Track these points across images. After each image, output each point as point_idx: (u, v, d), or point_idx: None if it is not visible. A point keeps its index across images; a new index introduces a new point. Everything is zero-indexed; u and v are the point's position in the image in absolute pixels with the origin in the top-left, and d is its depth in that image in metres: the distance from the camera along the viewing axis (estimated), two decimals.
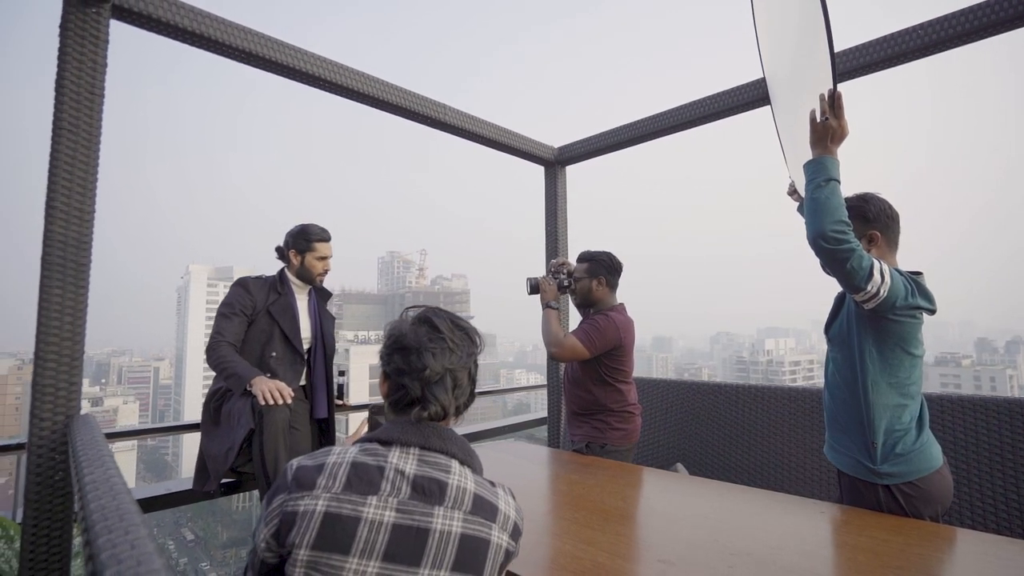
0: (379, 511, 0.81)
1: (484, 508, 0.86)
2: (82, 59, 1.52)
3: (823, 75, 1.34)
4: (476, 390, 0.98)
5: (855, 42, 2.01)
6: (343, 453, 0.88)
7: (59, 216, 1.47)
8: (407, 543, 0.80)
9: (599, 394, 2.23)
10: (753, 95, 2.33)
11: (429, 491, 0.84)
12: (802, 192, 2.02)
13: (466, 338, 0.96)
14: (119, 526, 0.61)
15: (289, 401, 1.88)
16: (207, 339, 2.03)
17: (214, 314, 2.13)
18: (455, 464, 0.89)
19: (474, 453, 0.94)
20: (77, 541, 1.51)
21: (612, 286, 2.35)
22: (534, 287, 2.41)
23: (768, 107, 2.38)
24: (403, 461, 0.86)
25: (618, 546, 1.24)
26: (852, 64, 1.97)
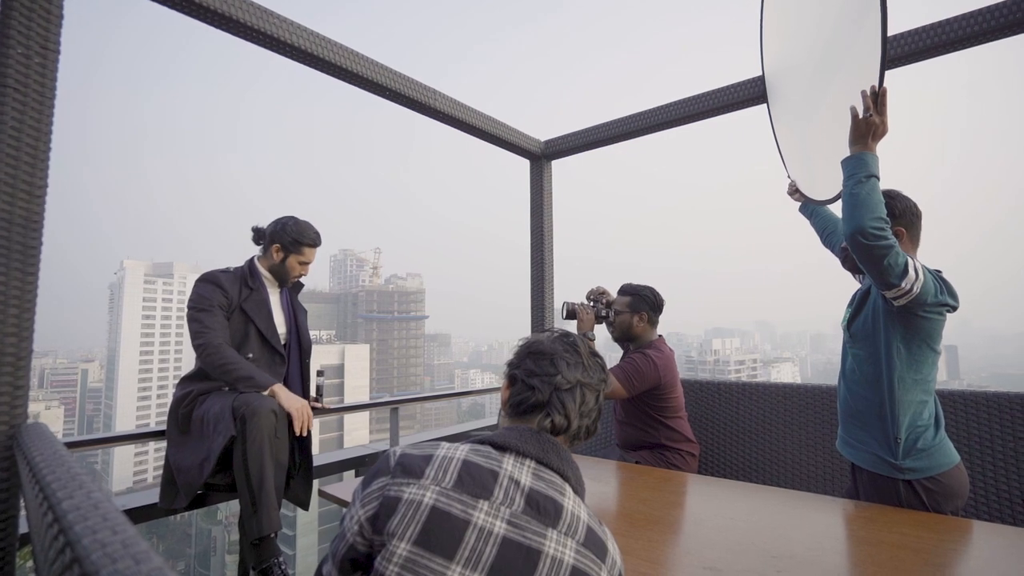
0: (490, 519, 0.72)
1: (595, 544, 0.76)
2: (32, 5, 1.30)
3: (861, 72, 1.32)
4: (598, 424, 0.91)
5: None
6: (452, 448, 0.79)
7: (3, 191, 1.25)
8: (516, 562, 0.70)
9: (651, 433, 2.17)
10: (746, 94, 2.31)
11: (544, 509, 0.74)
12: (804, 191, 2.01)
13: (599, 366, 0.93)
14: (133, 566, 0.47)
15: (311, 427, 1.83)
16: (197, 339, 1.79)
17: (152, 314, 1.90)
18: (569, 488, 0.80)
19: (584, 485, 0.85)
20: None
21: (653, 323, 2.27)
22: (570, 312, 2.27)
23: (757, 107, 2.38)
24: (518, 470, 0.77)
25: (654, 552, 1.16)
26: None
